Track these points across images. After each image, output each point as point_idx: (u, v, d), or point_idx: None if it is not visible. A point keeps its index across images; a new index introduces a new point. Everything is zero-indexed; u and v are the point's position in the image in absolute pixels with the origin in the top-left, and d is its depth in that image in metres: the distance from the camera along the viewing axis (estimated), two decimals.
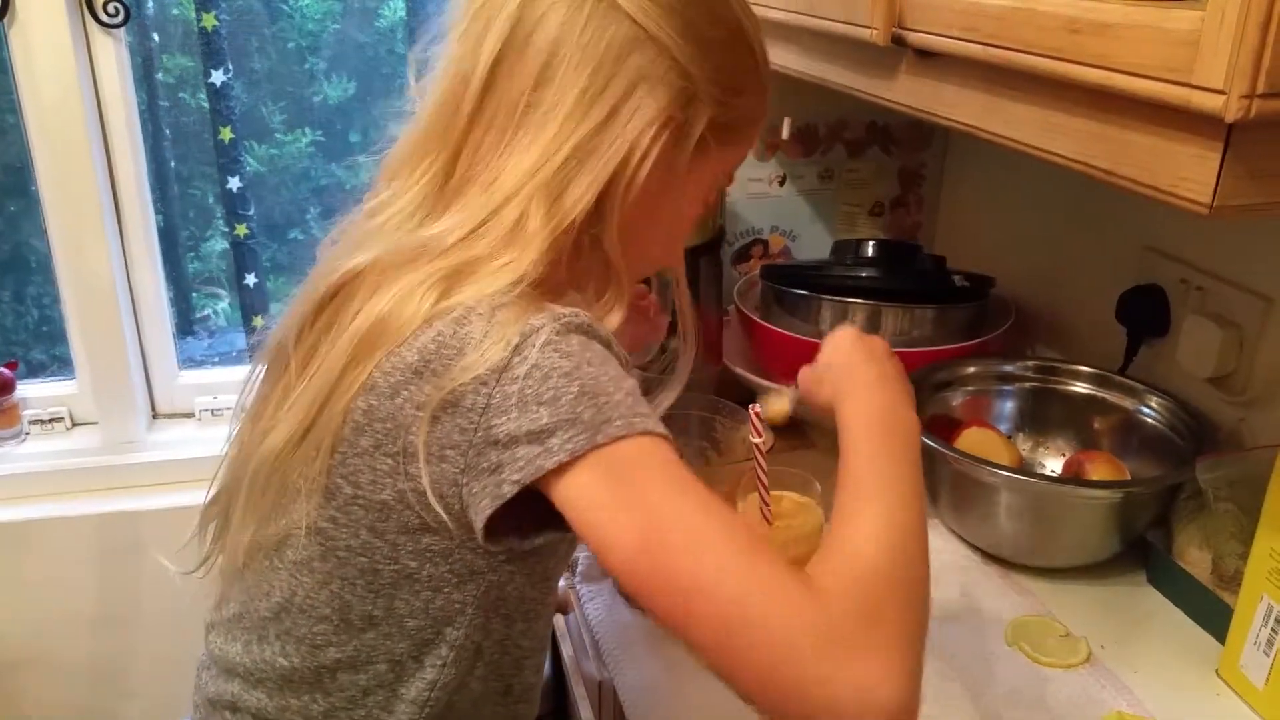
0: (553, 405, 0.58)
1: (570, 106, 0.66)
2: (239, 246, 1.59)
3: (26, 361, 1.59)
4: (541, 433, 0.58)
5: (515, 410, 0.58)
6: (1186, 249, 1.07)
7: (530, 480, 0.58)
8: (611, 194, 0.67)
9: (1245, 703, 0.83)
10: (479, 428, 0.59)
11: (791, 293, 1.25)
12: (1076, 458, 1.08)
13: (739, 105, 0.71)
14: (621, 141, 0.66)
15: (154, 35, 1.49)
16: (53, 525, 1.47)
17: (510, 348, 0.59)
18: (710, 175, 0.75)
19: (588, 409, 0.58)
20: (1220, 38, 0.49)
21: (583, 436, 0.57)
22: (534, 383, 0.58)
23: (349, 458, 0.64)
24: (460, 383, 0.59)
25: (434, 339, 0.62)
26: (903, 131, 1.50)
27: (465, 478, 0.60)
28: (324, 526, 0.66)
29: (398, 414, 0.62)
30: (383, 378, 0.63)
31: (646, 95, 0.66)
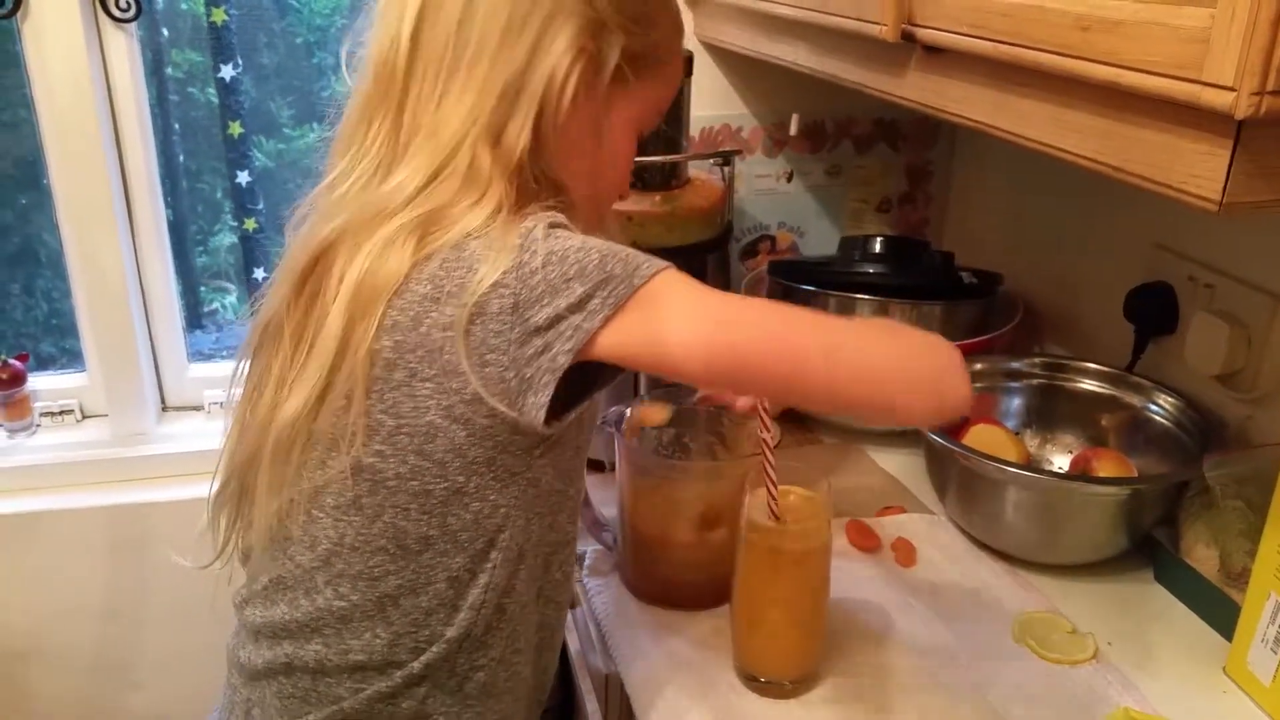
0: (582, 276, 0.64)
1: (495, 47, 0.70)
2: (247, 241, 1.59)
3: (37, 354, 1.60)
4: (580, 301, 0.64)
5: (548, 295, 0.64)
6: (1195, 246, 1.07)
7: (582, 344, 0.64)
8: (543, 126, 0.71)
9: (1252, 700, 0.83)
10: (514, 325, 0.64)
11: (799, 289, 1.25)
12: (1084, 455, 1.08)
13: (651, 37, 0.76)
14: (543, 73, 0.70)
15: (164, 30, 1.50)
16: (62, 517, 1.47)
17: (515, 249, 0.65)
18: (637, 107, 0.78)
19: (616, 265, 0.64)
20: (1230, 34, 0.49)
21: (622, 286, 0.64)
22: (554, 266, 0.64)
23: (386, 392, 0.67)
24: (480, 293, 0.64)
25: (440, 266, 0.66)
26: (911, 128, 1.50)
27: (512, 372, 0.65)
28: (370, 462, 0.69)
29: (426, 340, 0.66)
30: (400, 314, 0.66)
31: (561, 27, 0.70)
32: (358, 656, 0.73)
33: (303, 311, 0.71)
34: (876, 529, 1.05)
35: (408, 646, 0.73)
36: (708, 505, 0.93)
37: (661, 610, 0.96)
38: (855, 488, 1.14)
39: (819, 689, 0.85)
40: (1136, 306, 1.12)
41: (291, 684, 0.75)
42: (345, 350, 0.67)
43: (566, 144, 0.73)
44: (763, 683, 0.85)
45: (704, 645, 0.90)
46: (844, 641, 0.90)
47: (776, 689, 0.85)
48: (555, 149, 0.72)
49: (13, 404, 1.49)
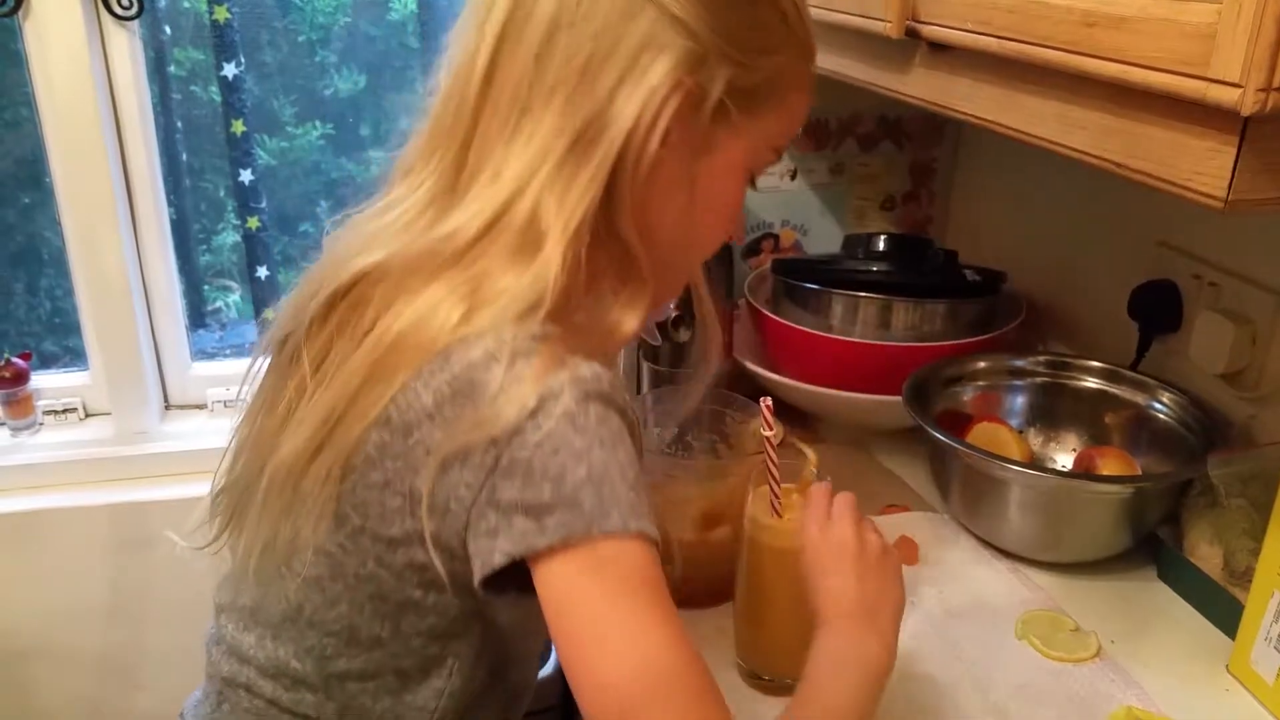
0: (557, 483, 0.57)
1: (573, 84, 0.62)
2: (250, 239, 1.60)
3: (40, 353, 1.60)
4: (541, 509, 0.57)
5: (521, 478, 0.57)
6: (1199, 244, 1.07)
7: (520, 555, 0.57)
8: (621, 175, 0.63)
9: (1256, 699, 0.83)
10: (484, 486, 0.58)
11: (802, 287, 1.25)
12: (1087, 453, 1.07)
13: (764, 66, 0.66)
14: (628, 115, 0.62)
15: (166, 28, 1.50)
16: (65, 515, 1.48)
17: (526, 411, 0.57)
18: (743, 150, 0.69)
19: (590, 496, 0.57)
20: (1237, 31, 0.48)
21: (579, 524, 0.57)
22: (544, 454, 0.57)
23: (359, 489, 0.63)
24: (471, 438, 0.58)
25: (449, 383, 0.60)
26: (915, 125, 1.50)
27: (468, 533, 0.60)
28: (332, 551, 0.66)
29: (409, 454, 0.61)
30: (398, 414, 0.61)
31: (651, 62, 0.62)
32: (309, 710, 0.72)
33: (328, 337, 0.66)
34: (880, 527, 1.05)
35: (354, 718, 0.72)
36: (710, 504, 0.93)
37: None
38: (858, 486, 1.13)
39: None
40: (1141, 304, 1.12)
41: (250, 700, 0.75)
42: (349, 410, 0.63)
43: (649, 196, 0.65)
44: (766, 681, 0.85)
45: (707, 644, 0.90)
46: None
47: (779, 687, 0.85)
48: (633, 202, 0.64)
49: (16, 402, 1.50)
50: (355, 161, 1.65)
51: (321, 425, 0.64)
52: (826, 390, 1.18)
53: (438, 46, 0.70)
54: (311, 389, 0.66)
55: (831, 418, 1.26)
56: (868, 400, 1.16)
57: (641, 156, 0.63)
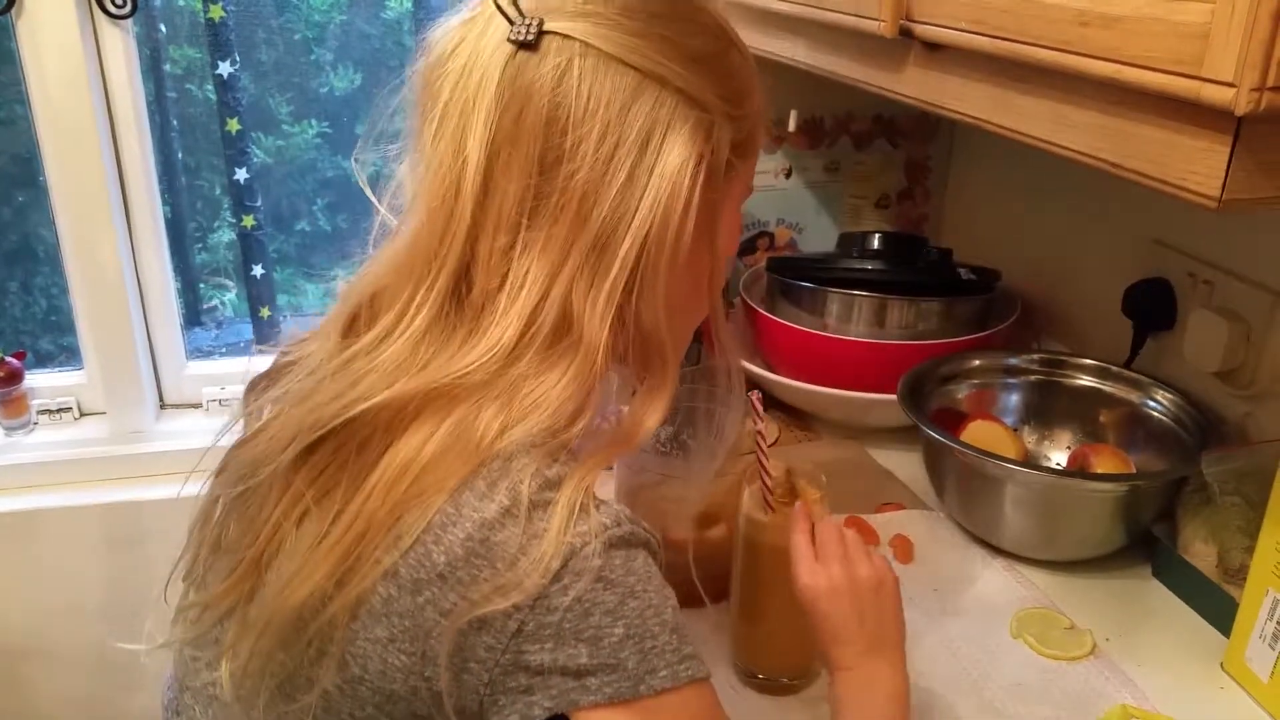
0: (593, 645, 0.55)
1: (584, 184, 0.59)
2: (246, 238, 1.59)
3: (34, 351, 1.60)
4: (580, 671, 0.55)
5: (552, 642, 0.55)
6: (1194, 242, 1.07)
7: (561, 710, 0.56)
8: (651, 259, 0.60)
9: (1250, 696, 0.83)
10: (508, 650, 0.56)
11: (797, 285, 1.25)
12: (1082, 451, 1.08)
13: (750, 112, 0.66)
14: (651, 201, 0.59)
15: (161, 26, 1.50)
16: (60, 515, 1.47)
17: (549, 575, 0.55)
18: (740, 192, 0.70)
19: (632, 655, 0.55)
20: (1230, 30, 0.48)
21: (626, 684, 0.55)
22: (574, 618, 0.55)
23: (360, 640, 0.59)
24: (492, 605, 0.55)
25: (462, 544, 0.56)
26: (909, 124, 1.50)
27: (488, 690, 0.57)
28: (330, 690, 0.61)
29: (419, 614, 0.57)
30: (406, 570, 0.57)
31: (665, 142, 0.60)
32: None
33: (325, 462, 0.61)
34: (875, 525, 1.05)
35: None
36: (705, 502, 0.93)
37: None
38: (854, 484, 1.14)
39: (817, 685, 0.85)
40: (1135, 302, 1.12)
41: None
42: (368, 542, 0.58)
43: (685, 268, 0.63)
44: (761, 679, 0.85)
45: (703, 643, 0.90)
46: None
47: (775, 685, 0.85)
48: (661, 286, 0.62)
49: (10, 401, 1.49)
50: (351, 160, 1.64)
51: (334, 570, 0.59)
52: (822, 388, 1.18)
53: None
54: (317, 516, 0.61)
55: (827, 416, 1.26)
56: (863, 398, 1.16)
57: (680, 236, 0.61)
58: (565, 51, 0.59)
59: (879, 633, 0.73)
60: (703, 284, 0.69)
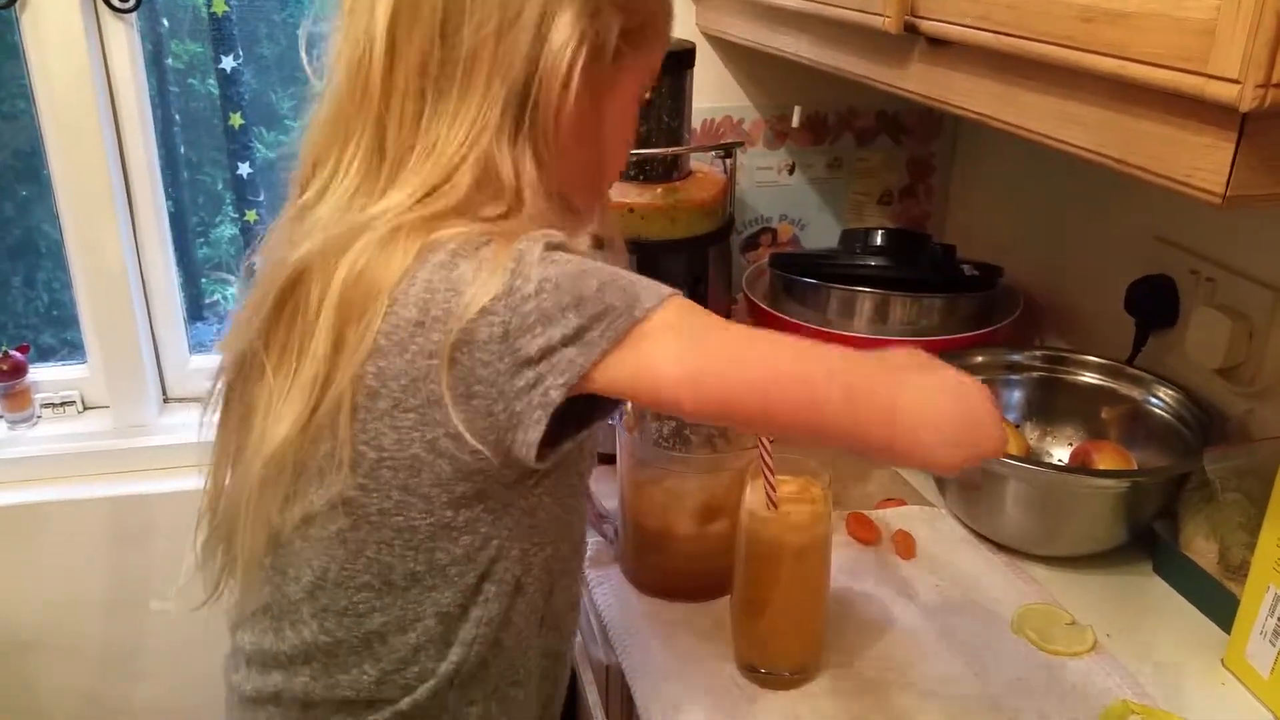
0: (578, 305, 0.59)
1: (490, 55, 0.64)
2: (248, 232, 1.60)
3: (38, 346, 1.60)
4: (577, 332, 0.59)
5: (540, 325, 0.59)
6: (1196, 239, 1.07)
7: (576, 379, 0.59)
8: (544, 124, 0.66)
9: (1251, 692, 0.84)
10: (503, 355, 0.59)
11: (800, 281, 1.25)
12: (1084, 447, 1.08)
13: (643, 7, 0.71)
14: (546, 73, 0.65)
15: (164, 21, 1.50)
16: (64, 508, 1.47)
17: (508, 273, 0.60)
18: (633, 82, 0.74)
19: (615, 294, 0.60)
20: (1236, 27, 0.49)
21: (621, 319, 0.59)
22: (549, 294, 0.59)
23: (369, 423, 0.63)
24: (468, 320, 0.59)
25: (425, 289, 0.61)
26: (912, 120, 1.50)
27: (500, 405, 0.60)
28: (352, 495, 0.65)
29: (410, 368, 0.61)
30: (385, 338, 0.62)
31: (556, 16, 0.65)
32: (345, 692, 0.71)
33: (284, 334, 0.66)
34: (877, 521, 1.05)
35: (397, 684, 0.70)
36: (708, 497, 0.94)
37: (662, 602, 0.96)
38: (856, 480, 1.14)
39: (819, 680, 0.85)
40: (1137, 299, 1.12)
41: (281, 713, 0.73)
42: (333, 368, 0.63)
43: (570, 137, 0.69)
44: (763, 673, 0.86)
45: (705, 636, 0.91)
46: (844, 633, 0.90)
47: (777, 679, 0.85)
48: (559, 144, 0.68)
49: (14, 395, 1.49)
50: None
51: (308, 395, 0.64)
52: None
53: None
54: (281, 382, 0.66)
55: None
56: None
57: (562, 108, 0.66)
58: None
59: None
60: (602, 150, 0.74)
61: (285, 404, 0.65)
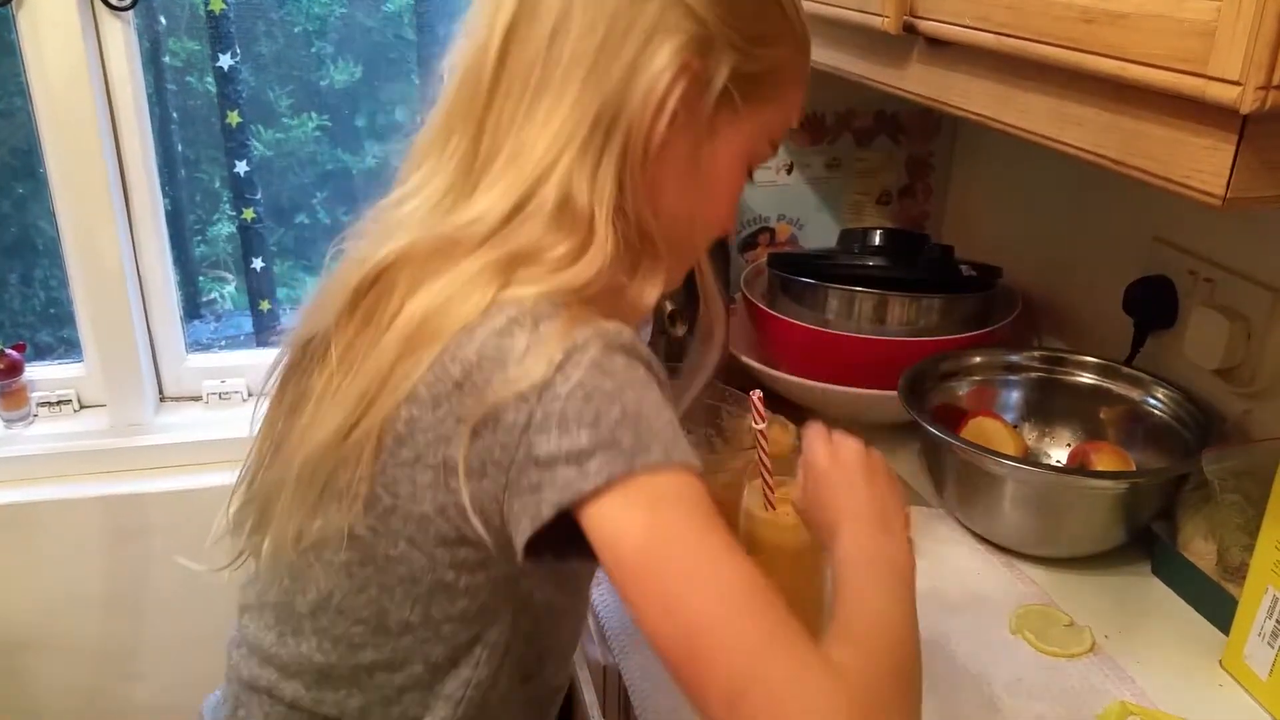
0: (594, 427, 0.57)
1: (588, 67, 0.64)
2: (246, 230, 1.59)
3: (34, 344, 1.59)
4: (581, 454, 0.57)
5: (556, 430, 0.57)
6: (1195, 240, 1.07)
7: (567, 503, 0.57)
8: (633, 154, 0.65)
9: (1249, 694, 0.84)
10: (520, 444, 0.58)
11: (798, 281, 1.25)
12: (1082, 448, 1.08)
13: (765, 56, 0.68)
14: (639, 94, 0.64)
15: (161, 19, 1.49)
16: (60, 507, 1.47)
17: (554, 365, 0.58)
18: (745, 137, 0.71)
19: (627, 434, 0.57)
20: (1236, 28, 0.48)
21: (620, 461, 0.56)
22: (576, 402, 0.57)
23: (389, 467, 0.63)
24: (501, 398, 0.58)
25: (476, 350, 0.60)
26: (911, 120, 1.50)
27: (507, 494, 0.59)
28: (362, 534, 0.65)
29: (439, 426, 0.61)
30: (425, 389, 0.61)
31: (661, 44, 0.64)
32: (330, 710, 0.71)
33: (354, 332, 0.66)
34: None
35: (378, 716, 0.71)
36: None
37: None
38: None
39: None
40: (1136, 300, 1.12)
41: (271, 705, 0.74)
42: (384, 388, 0.62)
43: (660, 176, 0.67)
44: None
45: None
46: None
47: None
48: (646, 182, 0.66)
49: (10, 394, 1.49)
50: (351, 153, 1.64)
51: (354, 409, 0.63)
52: (822, 385, 1.18)
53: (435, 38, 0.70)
54: (338, 380, 0.65)
55: (827, 412, 1.26)
56: (863, 395, 1.16)
57: (651, 136, 0.65)
58: None
59: (888, 507, 0.72)
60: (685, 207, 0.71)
61: (333, 406, 0.65)
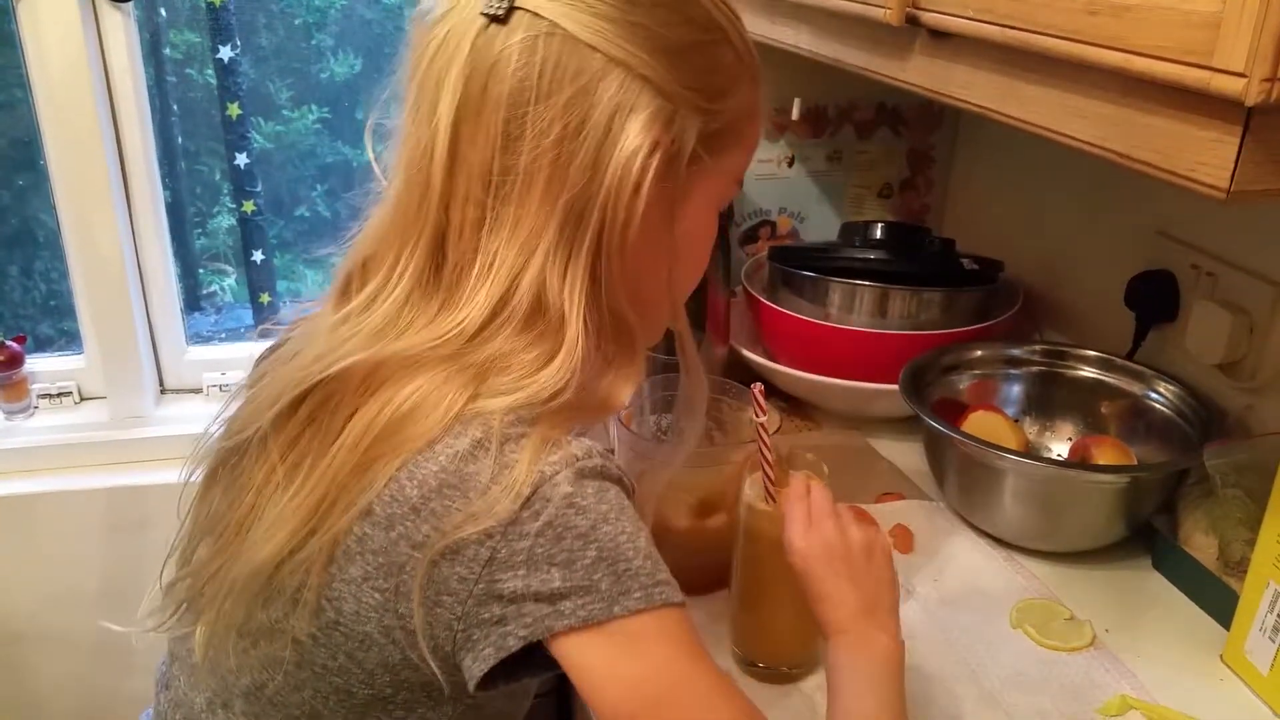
0: (566, 568, 0.55)
1: (550, 164, 0.60)
2: (246, 223, 1.59)
3: (34, 336, 1.60)
4: (553, 595, 0.55)
5: (524, 568, 0.56)
6: (1197, 234, 1.07)
7: (538, 638, 0.56)
8: (609, 240, 0.62)
9: (1249, 688, 0.84)
10: (480, 579, 0.56)
11: (799, 274, 1.25)
12: (1083, 442, 1.08)
13: (727, 108, 0.66)
14: (608, 184, 0.60)
15: (161, 11, 1.49)
16: (60, 499, 1.47)
17: (520, 501, 0.56)
18: (716, 187, 0.70)
19: (605, 577, 0.56)
20: (1242, 20, 0.48)
21: (599, 606, 0.55)
22: (546, 542, 0.56)
23: (335, 581, 0.60)
24: (464, 533, 0.56)
25: (436, 475, 0.58)
26: (913, 113, 1.49)
27: (461, 625, 0.57)
28: (303, 640, 0.62)
29: (392, 549, 0.58)
30: (381, 507, 0.59)
31: (624, 126, 0.60)
32: None
33: (298, 430, 0.63)
34: (875, 515, 1.05)
35: None
36: (706, 491, 0.93)
37: None
38: (855, 474, 1.14)
39: (817, 675, 0.85)
40: (1137, 294, 1.12)
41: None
42: (339, 499, 0.59)
43: (637, 257, 0.63)
44: (761, 668, 0.86)
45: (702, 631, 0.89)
46: None
47: (775, 674, 0.85)
48: (623, 268, 0.63)
49: (10, 386, 1.49)
50: (351, 145, 1.64)
51: (305, 521, 0.60)
52: (823, 378, 1.18)
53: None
54: (283, 483, 0.62)
55: (828, 406, 1.26)
56: (864, 388, 1.16)
57: (629, 221, 0.62)
58: (534, 28, 0.60)
59: (874, 596, 0.72)
60: (663, 276, 0.68)
61: (281, 519, 0.61)
